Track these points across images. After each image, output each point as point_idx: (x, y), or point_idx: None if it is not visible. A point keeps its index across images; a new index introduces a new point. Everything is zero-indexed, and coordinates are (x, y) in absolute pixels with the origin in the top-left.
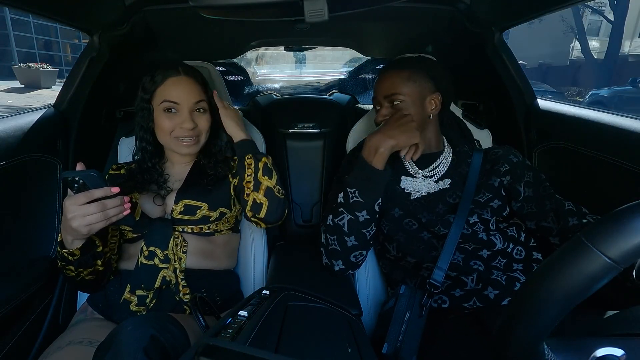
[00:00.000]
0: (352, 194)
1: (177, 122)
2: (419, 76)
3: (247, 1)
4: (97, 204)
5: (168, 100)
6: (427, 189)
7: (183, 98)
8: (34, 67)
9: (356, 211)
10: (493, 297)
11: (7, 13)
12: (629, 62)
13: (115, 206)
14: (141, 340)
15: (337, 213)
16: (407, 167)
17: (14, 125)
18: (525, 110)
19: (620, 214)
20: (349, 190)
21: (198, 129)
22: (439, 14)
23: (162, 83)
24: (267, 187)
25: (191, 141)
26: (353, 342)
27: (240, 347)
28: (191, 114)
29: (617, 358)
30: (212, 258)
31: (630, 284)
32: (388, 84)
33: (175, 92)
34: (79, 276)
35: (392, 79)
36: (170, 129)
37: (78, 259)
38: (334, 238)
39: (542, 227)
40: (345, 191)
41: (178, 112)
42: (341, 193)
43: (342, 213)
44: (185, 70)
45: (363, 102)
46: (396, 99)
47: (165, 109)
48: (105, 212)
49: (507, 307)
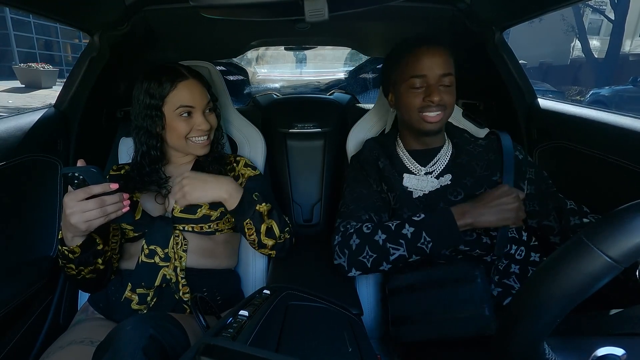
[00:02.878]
0: (425, 241)
1: (193, 124)
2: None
3: (247, 1)
4: (96, 200)
5: (184, 105)
6: (430, 186)
7: (197, 101)
8: (34, 67)
9: (415, 254)
10: (496, 294)
11: (7, 13)
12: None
13: (114, 202)
14: (140, 340)
15: (394, 241)
16: (407, 165)
17: (15, 125)
18: (525, 109)
19: (621, 214)
20: (425, 236)
21: (212, 127)
22: (439, 13)
23: (174, 88)
24: (272, 244)
25: (206, 141)
26: (353, 342)
27: (241, 347)
28: (204, 114)
29: (618, 357)
30: (213, 257)
31: (633, 284)
32: (443, 60)
33: (189, 96)
34: (80, 274)
35: (445, 56)
36: (186, 132)
37: (78, 256)
38: (373, 256)
39: (543, 225)
40: (419, 232)
41: (193, 115)
42: (411, 229)
43: (400, 246)
44: (191, 73)
45: (363, 102)
46: (450, 81)
47: (182, 114)
48: (104, 209)
49: (508, 307)
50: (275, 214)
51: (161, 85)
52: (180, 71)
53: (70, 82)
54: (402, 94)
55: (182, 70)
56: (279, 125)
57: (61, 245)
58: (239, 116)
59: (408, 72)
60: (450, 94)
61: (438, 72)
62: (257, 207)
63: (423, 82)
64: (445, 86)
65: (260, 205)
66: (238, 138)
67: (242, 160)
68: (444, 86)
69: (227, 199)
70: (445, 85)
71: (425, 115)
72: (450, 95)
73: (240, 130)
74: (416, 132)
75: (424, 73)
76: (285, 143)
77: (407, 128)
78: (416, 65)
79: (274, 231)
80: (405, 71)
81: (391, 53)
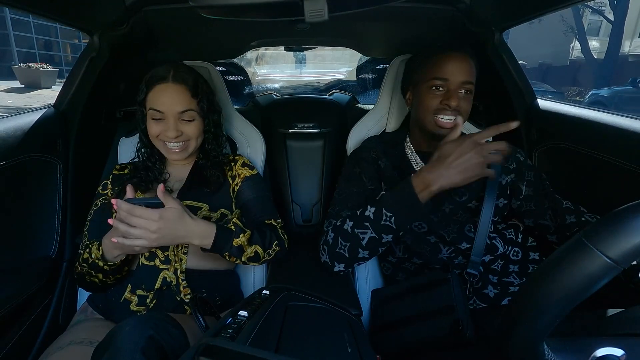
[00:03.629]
0: (387, 217)
1: (162, 128)
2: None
3: (247, 1)
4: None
5: (153, 108)
6: None
7: (168, 107)
8: (34, 67)
9: (383, 233)
10: (493, 295)
11: (7, 13)
12: (629, 62)
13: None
14: (139, 341)
15: (360, 225)
16: (414, 165)
17: (14, 125)
18: (525, 110)
19: (620, 214)
20: (386, 212)
21: (185, 135)
22: (439, 14)
23: (151, 89)
24: (257, 263)
25: (178, 147)
26: (353, 342)
27: (240, 347)
28: (177, 122)
29: (617, 358)
30: (212, 258)
31: (633, 285)
32: (468, 68)
33: (160, 101)
34: (102, 282)
35: (470, 66)
36: (156, 134)
37: (115, 268)
38: (347, 245)
39: (539, 224)
40: (380, 211)
41: (164, 119)
42: (372, 209)
43: (367, 228)
44: (175, 77)
45: (363, 102)
46: (471, 89)
47: (152, 117)
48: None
49: (507, 307)
50: (257, 236)
51: (146, 84)
52: (162, 74)
53: (69, 82)
54: (421, 93)
55: (166, 73)
56: (278, 126)
57: (101, 261)
58: (239, 116)
59: (432, 73)
60: (467, 102)
61: (460, 78)
62: (235, 241)
63: (444, 85)
64: (464, 93)
65: (238, 239)
66: (238, 138)
67: (240, 160)
68: (463, 92)
69: (199, 244)
70: (465, 92)
71: (439, 119)
72: (468, 102)
73: (239, 131)
74: (428, 134)
75: (447, 77)
76: (284, 143)
77: (419, 129)
78: (441, 68)
79: (259, 254)
80: (429, 72)
81: (419, 53)
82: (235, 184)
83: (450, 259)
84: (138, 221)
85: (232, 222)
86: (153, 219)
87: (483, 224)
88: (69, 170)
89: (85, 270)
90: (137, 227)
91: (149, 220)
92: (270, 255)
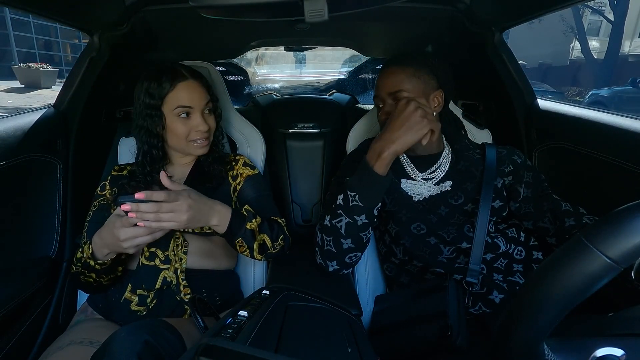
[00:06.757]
0: (352, 198)
1: (191, 125)
2: (422, 72)
3: (247, 1)
4: (145, 229)
5: (182, 105)
6: (428, 191)
7: (196, 101)
8: (34, 67)
9: (355, 215)
10: (499, 301)
11: (7, 13)
12: (629, 62)
13: (161, 221)
14: (135, 346)
15: (335, 215)
16: (406, 169)
17: (14, 125)
18: (525, 110)
19: (620, 214)
20: (349, 193)
21: (210, 128)
22: (439, 14)
23: (173, 89)
24: (264, 256)
25: (205, 142)
26: (353, 342)
27: (240, 347)
28: (202, 115)
29: (617, 358)
30: (213, 258)
31: (629, 284)
32: (392, 80)
33: (188, 97)
34: (97, 282)
35: (396, 75)
36: (185, 133)
37: (106, 268)
38: (330, 239)
39: (539, 227)
40: (345, 194)
41: (192, 115)
42: (341, 195)
43: (340, 215)
44: (192, 74)
45: (363, 102)
46: (400, 96)
47: (180, 114)
48: (153, 235)
49: (507, 307)
50: (266, 226)
51: (160, 85)
52: (180, 71)
53: (69, 82)
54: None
55: (182, 71)
56: (278, 126)
57: (92, 260)
58: (239, 116)
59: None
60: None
61: (387, 90)
62: (248, 224)
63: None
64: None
65: (251, 223)
66: (238, 138)
67: (241, 159)
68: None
69: (217, 225)
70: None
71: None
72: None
73: (239, 131)
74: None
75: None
76: (284, 143)
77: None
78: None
79: (267, 244)
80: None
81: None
82: (237, 183)
83: (451, 260)
84: (166, 206)
85: (244, 208)
86: (182, 199)
87: (480, 229)
88: (68, 170)
89: (79, 269)
90: (167, 212)
91: (176, 202)
92: (275, 249)
